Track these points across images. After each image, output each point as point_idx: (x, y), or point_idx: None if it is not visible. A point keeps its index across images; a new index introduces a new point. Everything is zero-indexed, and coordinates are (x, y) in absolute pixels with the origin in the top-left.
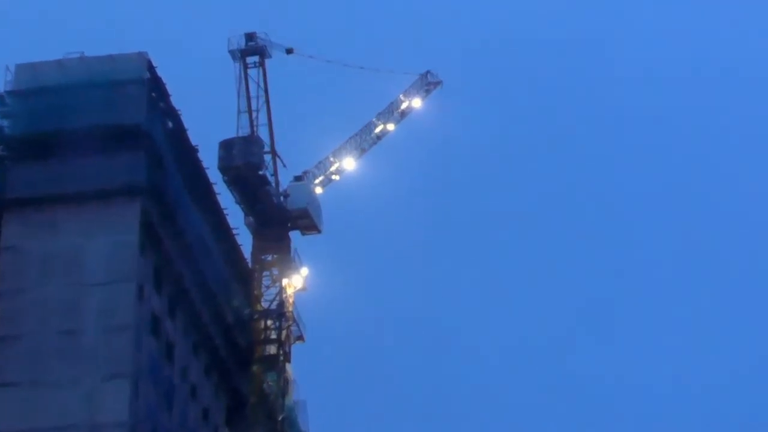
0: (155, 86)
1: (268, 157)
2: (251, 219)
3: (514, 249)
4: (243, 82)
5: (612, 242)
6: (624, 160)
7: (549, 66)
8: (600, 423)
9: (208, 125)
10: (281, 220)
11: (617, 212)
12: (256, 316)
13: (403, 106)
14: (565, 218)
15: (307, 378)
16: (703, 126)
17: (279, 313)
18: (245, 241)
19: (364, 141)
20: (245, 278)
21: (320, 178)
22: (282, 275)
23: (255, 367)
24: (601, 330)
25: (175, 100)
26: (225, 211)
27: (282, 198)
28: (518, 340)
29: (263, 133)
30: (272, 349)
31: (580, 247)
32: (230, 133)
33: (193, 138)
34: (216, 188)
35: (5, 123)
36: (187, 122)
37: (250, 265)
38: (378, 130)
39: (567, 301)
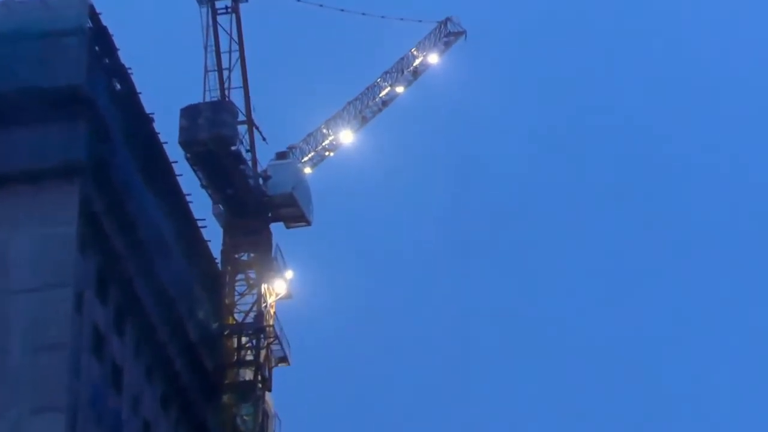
0: (99, 38)
1: (243, 129)
2: (221, 208)
3: (546, 247)
4: (211, 32)
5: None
6: (678, 131)
7: (599, 18)
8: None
9: (166, 88)
10: (260, 208)
11: (669, 191)
12: (227, 332)
13: (416, 63)
14: (611, 210)
15: (291, 411)
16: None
17: (257, 327)
18: (214, 235)
19: (366, 108)
20: (214, 283)
21: (310, 155)
22: (261, 279)
23: (226, 397)
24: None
25: (125, 57)
26: (188, 198)
27: (261, 181)
28: (551, 374)
29: (237, 98)
30: (248, 374)
31: (620, 239)
32: (195, 98)
33: (148, 104)
34: (177, 168)
35: None
36: (139, 84)
37: (219, 266)
38: (384, 93)
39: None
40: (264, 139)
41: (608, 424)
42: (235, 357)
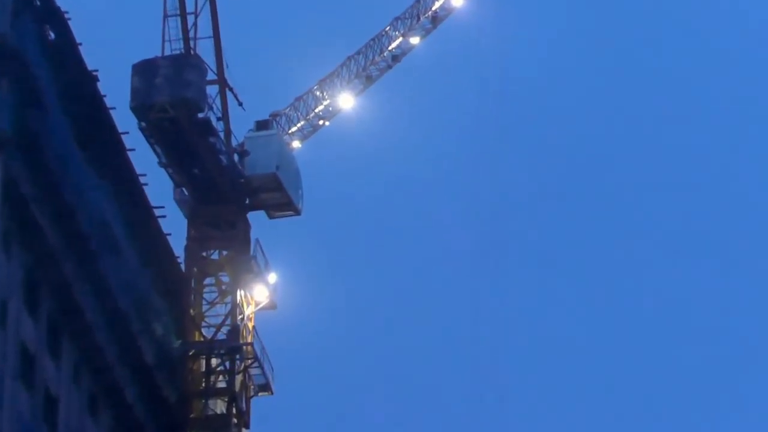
0: None
1: (213, 91)
2: (185, 192)
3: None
4: None
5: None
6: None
7: None
8: None
9: (114, 38)
10: (235, 193)
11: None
12: (192, 352)
13: (436, 6)
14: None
15: None
16: None
17: (231, 346)
18: (176, 228)
19: (371, 64)
20: (175, 289)
21: (299, 125)
22: (236, 284)
23: None
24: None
25: None
26: (143, 180)
27: (236, 157)
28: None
29: (205, 52)
30: (219, 406)
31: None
32: (152, 51)
33: (90, 59)
34: (128, 141)
35: None
36: (79, 33)
37: (183, 267)
38: (394, 45)
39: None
40: (240, 103)
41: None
42: (203, 384)
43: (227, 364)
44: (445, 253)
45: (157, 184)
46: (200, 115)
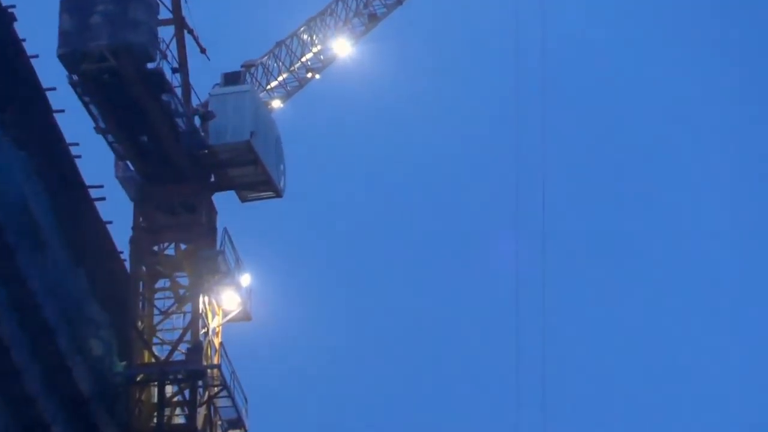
0: None
1: (167, 34)
2: (130, 167)
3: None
4: None
5: None
6: None
7: None
8: None
9: None
10: (195, 168)
11: None
12: (141, 377)
13: None
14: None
15: None
16: None
17: (191, 370)
18: (119, 214)
19: None
20: (118, 295)
21: (280, 79)
22: (197, 288)
23: None
24: None
25: None
26: (74, 150)
27: (198, 121)
28: None
29: None
30: None
31: None
32: None
33: None
34: (54, 100)
35: None
36: None
37: (128, 266)
38: None
39: None
40: (203, 50)
41: None
42: (155, 420)
43: (186, 393)
44: (452, 236)
45: (94, 157)
46: (150, 66)
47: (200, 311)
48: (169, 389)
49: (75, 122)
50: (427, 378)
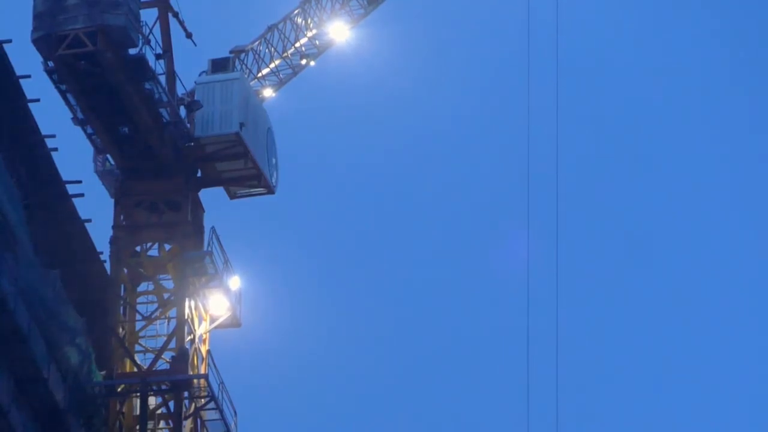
0: None
1: (150, 17)
2: (110, 161)
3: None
4: None
5: None
6: None
7: None
8: None
9: None
10: (180, 163)
11: None
12: (121, 388)
13: None
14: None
15: None
16: None
17: (176, 380)
18: (98, 212)
19: None
20: (97, 299)
21: (272, 66)
22: (183, 292)
23: None
24: None
25: None
26: (50, 143)
27: (183, 111)
28: None
29: None
30: None
31: None
32: None
33: None
34: (29, 89)
35: None
36: None
37: (108, 267)
38: None
39: None
40: (189, 35)
41: None
42: None
43: (171, 405)
44: (459, 235)
45: (71, 150)
46: (131, 51)
47: (186, 317)
48: (152, 401)
49: (51, 112)
50: (427, 382)
